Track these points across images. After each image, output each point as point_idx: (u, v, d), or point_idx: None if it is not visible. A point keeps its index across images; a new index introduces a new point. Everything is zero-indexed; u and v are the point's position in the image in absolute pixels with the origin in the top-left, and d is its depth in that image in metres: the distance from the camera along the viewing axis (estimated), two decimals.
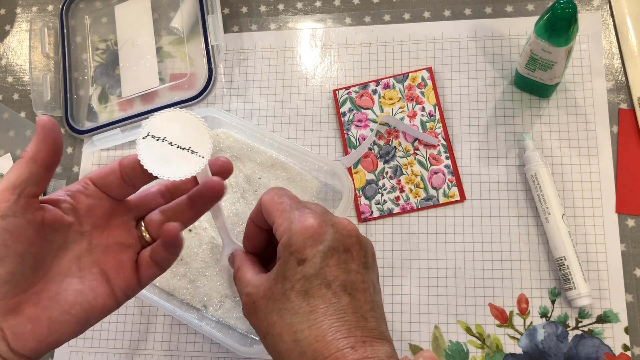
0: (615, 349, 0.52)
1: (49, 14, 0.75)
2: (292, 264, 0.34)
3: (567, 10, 0.47)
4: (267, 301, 0.35)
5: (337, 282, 0.34)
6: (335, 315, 0.33)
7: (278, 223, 0.36)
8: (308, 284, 0.33)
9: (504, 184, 0.58)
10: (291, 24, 0.68)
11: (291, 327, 0.33)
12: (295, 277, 0.34)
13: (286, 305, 0.34)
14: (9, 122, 0.71)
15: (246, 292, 0.37)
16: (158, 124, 0.37)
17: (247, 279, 0.38)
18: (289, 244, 0.34)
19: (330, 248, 0.34)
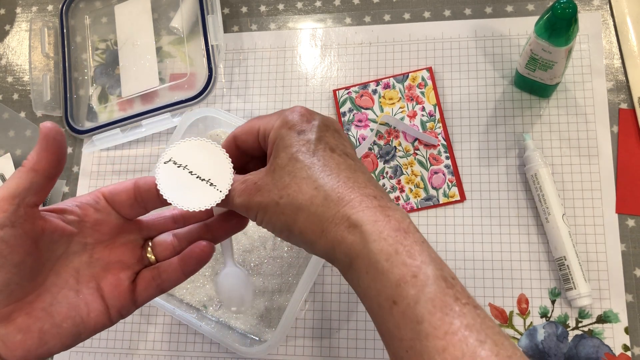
0: (615, 349, 0.52)
1: (49, 14, 0.75)
2: (292, 135, 0.35)
3: (567, 10, 0.47)
4: (273, 173, 0.35)
5: (339, 148, 0.35)
6: (348, 170, 0.34)
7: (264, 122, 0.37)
8: (313, 147, 0.35)
9: (504, 184, 0.58)
10: (291, 24, 0.68)
11: (309, 178, 0.34)
12: (299, 142, 0.35)
13: (297, 165, 0.34)
14: (9, 122, 0.71)
15: (244, 179, 0.36)
16: (182, 151, 0.37)
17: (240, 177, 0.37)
18: (284, 122, 0.35)
19: (324, 124, 0.36)
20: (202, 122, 0.61)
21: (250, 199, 0.35)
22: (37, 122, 0.70)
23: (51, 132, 0.35)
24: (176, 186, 0.36)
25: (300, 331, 0.58)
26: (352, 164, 0.35)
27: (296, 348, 0.57)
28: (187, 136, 0.60)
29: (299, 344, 0.57)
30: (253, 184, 0.36)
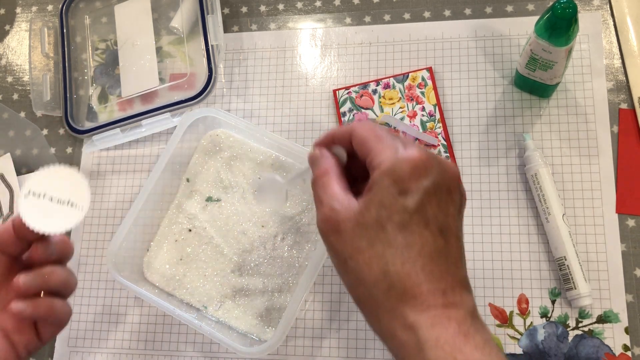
0: (615, 349, 0.52)
1: (49, 14, 0.75)
2: (392, 193, 0.32)
3: (567, 10, 0.47)
4: (357, 226, 0.33)
5: (435, 221, 0.33)
6: (429, 256, 0.32)
7: (378, 149, 0.34)
8: (407, 218, 0.32)
9: (504, 184, 0.58)
10: (291, 24, 0.68)
11: (382, 258, 0.32)
12: (395, 207, 0.32)
13: (380, 235, 0.32)
14: (9, 122, 0.71)
15: (332, 206, 0.35)
16: (38, 181, 0.39)
17: (334, 190, 0.35)
18: (392, 171, 0.33)
19: (435, 185, 0.33)
20: (202, 122, 0.61)
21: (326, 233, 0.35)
22: (37, 122, 0.70)
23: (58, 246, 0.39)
24: (40, 214, 0.38)
25: (300, 331, 0.58)
26: (439, 245, 0.32)
27: (296, 348, 0.57)
28: (187, 136, 0.61)
29: (299, 344, 0.57)
30: (335, 221, 0.34)
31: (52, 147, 0.69)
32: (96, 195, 0.66)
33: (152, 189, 0.59)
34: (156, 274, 0.60)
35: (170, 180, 0.62)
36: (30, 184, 0.39)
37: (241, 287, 0.58)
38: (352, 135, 0.37)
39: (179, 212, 0.61)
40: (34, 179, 0.39)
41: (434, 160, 0.33)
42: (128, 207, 0.64)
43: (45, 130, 0.70)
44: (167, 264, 0.60)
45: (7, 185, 0.66)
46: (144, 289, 0.57)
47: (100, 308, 0.62)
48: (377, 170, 0.33)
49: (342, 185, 0.36)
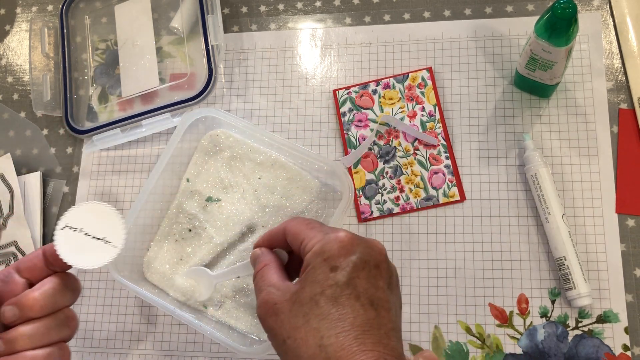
0: (615, 349, 0.52)
1: (49, 14, 0.75)
2: (323, 270, 0.35)
3: (567, 10, 0.47)
4: (293, 305, 0.35)
5: (365, 295, 0.34)
6: (362, 327, 0.33)
7: (309, 237, 0.37)
8: (339, 292, 0.34)
9: (504, 184, 0.58)
10: (291, 24, 0.68)
11: (317, 332, 0.33)
12: (327, 282, 0.34)
13: (314, 310, 0.34)
14: (9, 122, 0.71)
15: (269, 291, 0.37)
16: (75, 216, 0.40)
17: (272, 279, 0.38)
18: (322, 251, 0.35)
19: (362, 260, 0.35)
20: (202, 122, 0.61)
21: (265, 316, 0.37)
22: (37, 122, 0.70)
23: None
24: (75, 249, 0.39)
25: None
26: (370, 317, 0.34)
27: None
28: (187, 136, 0.61)
29: None
30: (273, 304, 0.36)
31: (52, 147, 0.69)
32: (96, 195, 0.66)
33: (152, 189, 0.59)
34: (156, 274, 0.60)
35: (170, 180, 0.62)
36: (67, 217, 0.39)
37: (241, 287, 0.58)
38: (285, 231, 0.40)
39: (179, 212, 0.61)
40: (71, 213, 0.40)
41: (359, 239, 0.36)
42: (128, 207, 0.64)
43: (45, 130, 0.70)
44: (167, 264, 0.60)
45: (7, 185, 0.66)
46: (144, 289, 0.57)
47: (101, 308, 0.62)
48: (310, 252, 0.36)
49: (280, 275, 0.39)
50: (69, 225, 0.40)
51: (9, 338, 0.37)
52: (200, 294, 0.56)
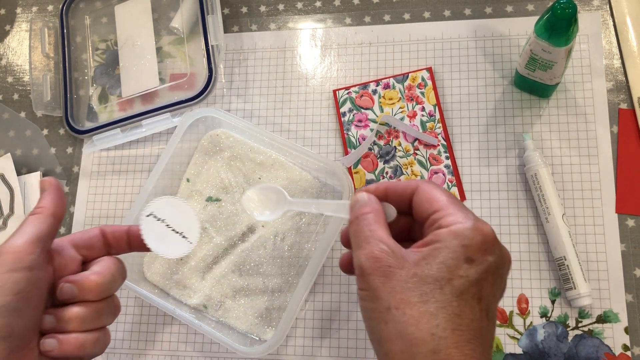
0: (615, 349, 0.52)
1: (49, 14, 0.75)
2: (458, 256, 0.32)
3: (567, 10, 0.47)
4: (411, 277, 0.32)
5: (486, 301, 0.32)
6: (475, 332, 0.31)
7: (449, 211, 0.34)
8: (466, 286, 0.32)
9: (504, 184, 0.58)
10: (291, 24, 0.68)
11: (434, 318, 0.31)
12: (458, 271, 0.32)
13: (435, 294, 0.31)
14: (9, 122, 0.71)
15: (380, 247, 0.34)
16: (159, 207, 0.43)
17: (380, 233, 0.35)
18: (463, 236, 0.32)
19: (496, 265, 0.33)
20: (202, 122, 0.61)
21: (372, 273, 0.33)
22: (37, 122, 0.70)
23: (58, 185, 0.40)
24: (155, 236, 0.42)
25: (300, 331, 0.58)
26: (485, 324, 0.32)
27: (296, 348, 0.57)
28: (187, 136, 0.61)
29: (299, 344, 0.57)
30: (387, 265, 0.33)
31: (52, 147, 0.69)
32: (96, 195, 0.66)
33: (152, 189, 0.59)
34: (156, 274, 0.60)
35: (170, 180, 0.62)
36: (152, 207, 0.42)
37: (241, 287, 0.58)
38: (417, 190, 0.36)
39: None
40: (156, 204, 0.42)
41: (499, 242, 0.34)
42: (128, 207, 0.64)
43: (45, 130, 0.70)
44: (167, 264, 0.60)
45: (7, 185, 0.66)
46: (144, 289, 0.57)
47: None
48: (446, 229, 0.33)
49: (388, 232, 0.35)
50: (153, 214, 0.42)
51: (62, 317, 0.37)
52: (262, 214, 0.49)
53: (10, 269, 0.35)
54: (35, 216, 0.38)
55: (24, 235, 0.36)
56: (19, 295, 0.35)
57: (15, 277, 0.35)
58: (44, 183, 0.40)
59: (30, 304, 0.35)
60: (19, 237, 0.36)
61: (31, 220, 0.38)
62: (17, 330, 0.35)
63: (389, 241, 0.34)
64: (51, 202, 0.39)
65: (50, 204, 0.38)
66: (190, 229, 0.43)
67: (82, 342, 0.37)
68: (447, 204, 0.35)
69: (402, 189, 0.37)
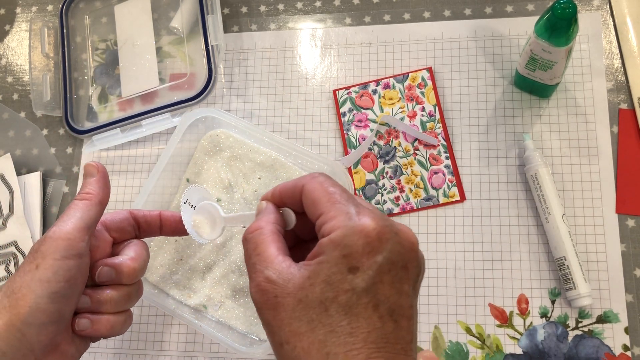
0: (615, 349, 0.52)
1: (49, 14, 0.75)
2: (340, 269, 0.29)
3: (567, 10, 0.47)
4: (297, 304, 0.29)
5: (386, 303, 0.29)
6: (376, 343, 0.28)
7: (329, 214, 0.31)
8: (355, 299, 0.28)
9: (504, 184, 0.58)
10: (291, 24, 0.68)
11: (323, 346, 0.28)
12: (342, 286, 0.29)
13: (322, 318, 0.29)
14: (9, 122, 0.71)
15: (267, 276, 0.31)
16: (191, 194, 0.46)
17: (269, 254, 0.32)
18: (343, 244, 0.29)
19: (389, 261, 0.29)
20: (202, 122, 0.61)
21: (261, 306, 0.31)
22: (37, 122, 0.70)
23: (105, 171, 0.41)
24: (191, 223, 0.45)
25: None
26: (388, 330, 0.29)
27: None
28: (187, 136, 0.61)
29: None
30: (273, 296, 0.30)
31: (52, 147, 0.69)
32: None
33: (152, 189, 0.59)
34: (156, 274, 0.60)
35: (170, 180, 0.62)
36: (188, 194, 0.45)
37: (241, 287, 0.58)
38: (302, 193, 0.33)
39: None
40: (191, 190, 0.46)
41: (388, 231, 0.30)
42: (128, 207, 0.64)
43: (45, 130, 0.70)
44: (167, 264, 0.60)
45: (7, 185, 0.66)
46: (143, 288, 0.57)
47: None
48: (326, 238, 0.30)
49: (279, 247, 0.32)
50: (188, 202, 0.45)
51: (98, 298, 0.39)
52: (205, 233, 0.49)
53: (64, 256, 0.36)
54: (84, 202, 0.39)
55: (73, 220, 0.37)
56: (70, 282, 0.36)
57: (68, 264, 0.36)
58: (91, 168, 0.41)
59: (76, 290, 0.37)
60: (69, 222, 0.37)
61: (80, 206, 0.38)
62: (65, 315, 0.37)
63: (275, 262, 0.31)
64: (99, 189, 0.40)
65: (98, 191, 0.39)
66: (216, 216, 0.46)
67: (112, 324, 0.39)
68: (328, 204, 0.31)
69: (292, 190, 0.35)
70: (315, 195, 0.32)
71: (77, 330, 0.38)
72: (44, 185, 0.67)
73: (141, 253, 0.42)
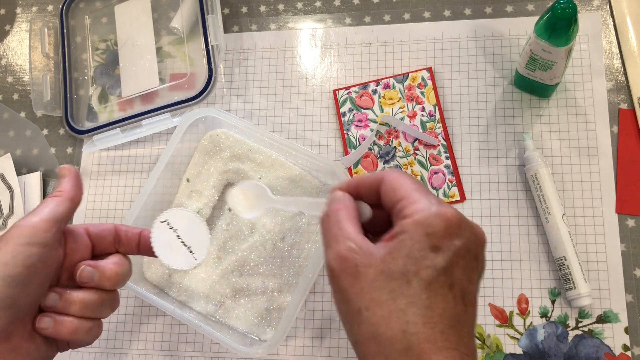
0: (615, 349, 0.52)
1: (49, 14, 0.75)
2: (424, 246, 0.31)
3: (567, 10, 0.47)
4: (379, 274, 0.31)
5: (460, 286, 0.31)
6: (449, 321, 0.30)
7: (412, 199, 0.33)
8: (435, 276, 0.30)
9: (504, 184, 0.58)
10: (291, 24, 0.68)
11: (403, 315, 0.30)
12: (424, 262, 0.31)
13: (404, 289, 0.30)
14: (9, 122, 0.71)
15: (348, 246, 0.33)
16: (175, 216, 0.43)
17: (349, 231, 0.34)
18: (425, 224, 0.31)
19: (465, 248, 0.31)
20: (202, 122, 0.61)
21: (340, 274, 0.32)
22: (37, 122, 0.70)
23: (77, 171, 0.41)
24: (163, 244, 0.43)
25: (300, 331, 0.58)
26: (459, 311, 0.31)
27: (296, 348, 0.57)
28: (187, 136, 0.61)
29: (299, 344, 0.57)
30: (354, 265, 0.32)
31: (52, 147, 0.69)
32: (96, 195, 0.66)
33: (152, 189, 0.59)
34: (156, 274, 0.60)
35: (170, 180, 0.62)
36: (168, 214, 0.43)
37: (241, 287, 0.58)
38: (383, 181, 0.35)
39: None
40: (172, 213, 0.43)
41: (466, 222, 0.32)
42: (128, 207, 0.64)
43: (45, 130, 0.70)
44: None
45: (7, 185, 0.66)
46: (144, 289, 0.57)
47: None
48: (409, 219, 0.32)
49: (358, 228, 0.34)
50: (168, 222, 0.43)
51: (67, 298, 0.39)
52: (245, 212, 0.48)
53: (27, 242, 0.36)
54: (54, 198, 0.39)
55: (41, 213, 0.38)
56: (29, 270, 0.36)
57: (29, 250, 0.36)
58: (63, 170, 0.41)
59: (36, 280, 0.37)
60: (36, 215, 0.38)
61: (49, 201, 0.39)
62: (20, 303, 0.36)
63: (357, 238, 0.33)
64: (70, 187, 0.40)
65: (68, 188, 0.40)
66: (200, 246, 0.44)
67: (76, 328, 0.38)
68: (410, 191, 0.33)
69: (370, 182, 0.36)
70: (396, 182, 0.34)
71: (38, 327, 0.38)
72: (44, 185, 0.67)
73: (124, 262, 0.41)
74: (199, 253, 0.43)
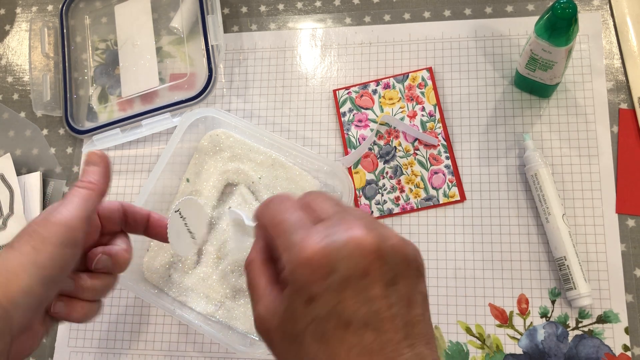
0: (615, 349, 0.52)
1: (49, 14, 0.75)
2: (298, 304, 0.28)
3: (567, 10, 0.47)
4: (282, 338, 0.29)
5: (356, 317, 0.27)
6: (359, 356, 0.27)
7: (280, 248, 0.30)
8: (322, 326, 0.28)
9: (504, 184, 0.58)
10: (291, 24, 0.68)
11: None
12: (305, 319, 0.28)
13: (301, 352, 0.28)
14: (9, 122, 0.71)
15: (258, 311, 0.31)
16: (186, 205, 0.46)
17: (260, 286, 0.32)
18: (292, 279, 0.28)
19: (343, 278, 0.27)
20: (202, 122, 0.61)
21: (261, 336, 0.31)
22: (37, 122, 0.70)
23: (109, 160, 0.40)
24: (174, 232, 0.45)
25: None
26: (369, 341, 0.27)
27: None
28: (187, 136, 0.61)
29: None
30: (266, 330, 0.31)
31: (52, 147, 0.69)
32: None
33: (152, 189, 0.59)
34: (156, 274, 0.60)
35: (170, 180, 0.62)
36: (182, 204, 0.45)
37: (241, 287, 0.58)
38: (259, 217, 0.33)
39: None
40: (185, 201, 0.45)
41: (334, 248, 0.28)
42: None
43: (45, 130, 0.70)
44: (167, 264, 0.60)
45: (7, 185, 0.66)
46: (144, 289, 0.57)
47: None
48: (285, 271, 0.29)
49: (268, 276, 0.32)
50: (180, 211, 0.45)
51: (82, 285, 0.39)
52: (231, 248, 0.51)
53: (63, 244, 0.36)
54: (87, 191, 0.39)
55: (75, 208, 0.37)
56: (63, 270, 0.36)
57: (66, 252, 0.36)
58: (95, 157, 0.40)
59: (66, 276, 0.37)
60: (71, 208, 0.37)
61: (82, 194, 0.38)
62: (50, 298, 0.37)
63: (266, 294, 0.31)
64: (102, 181, 0.40)
65: (101, 182, 0.39)
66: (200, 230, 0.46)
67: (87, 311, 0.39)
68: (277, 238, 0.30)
69: None
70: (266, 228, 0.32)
71: (52, 312, 0.38)
72: (44, 185, 0.67)
73: (131, 246, 0.42)
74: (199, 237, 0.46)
